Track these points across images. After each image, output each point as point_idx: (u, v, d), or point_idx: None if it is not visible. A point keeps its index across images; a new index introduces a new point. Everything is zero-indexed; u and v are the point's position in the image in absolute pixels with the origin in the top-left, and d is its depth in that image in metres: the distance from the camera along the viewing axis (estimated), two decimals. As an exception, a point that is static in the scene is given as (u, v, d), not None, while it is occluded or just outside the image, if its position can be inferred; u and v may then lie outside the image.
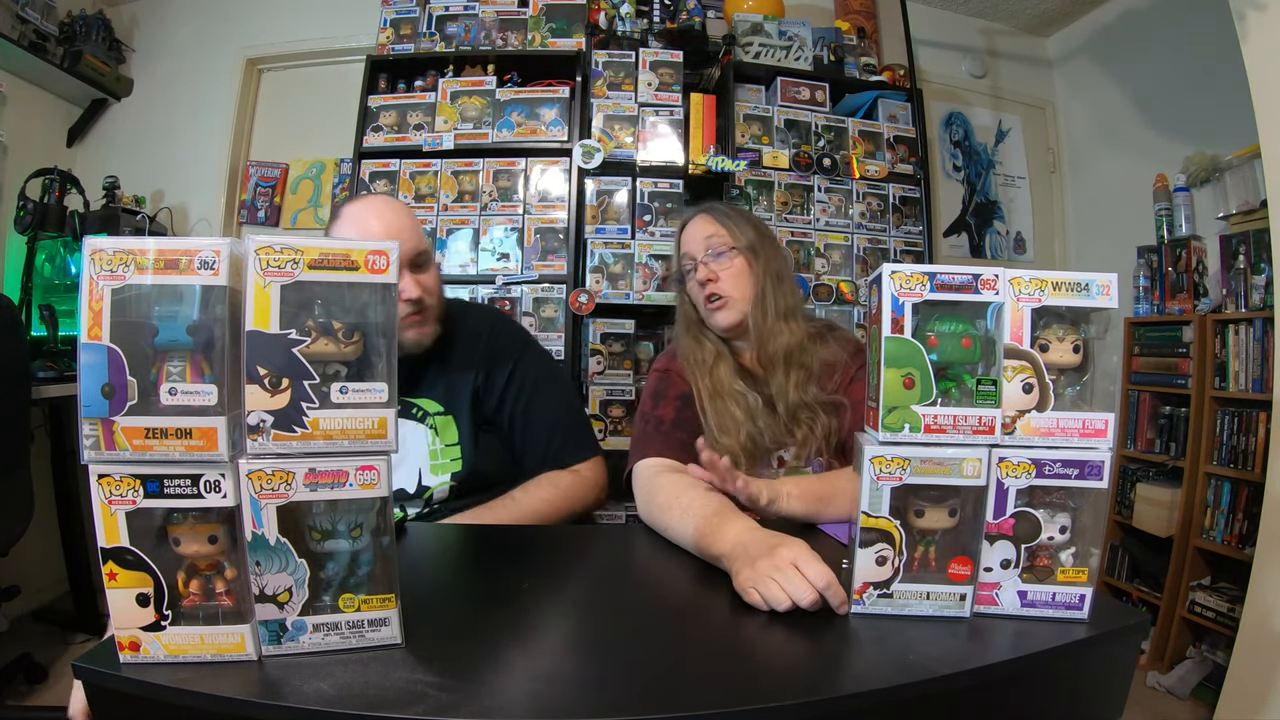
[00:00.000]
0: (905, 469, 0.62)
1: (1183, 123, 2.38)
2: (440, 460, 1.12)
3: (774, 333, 1.12)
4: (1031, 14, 2.86)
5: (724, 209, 1.22)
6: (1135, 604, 2.22)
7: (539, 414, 1.16)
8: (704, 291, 1.14)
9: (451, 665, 0.56)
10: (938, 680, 0.55)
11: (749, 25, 2.30)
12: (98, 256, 0.52)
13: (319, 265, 0.55)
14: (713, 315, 1.15)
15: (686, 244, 1.19)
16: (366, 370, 0.57)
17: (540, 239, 2.13)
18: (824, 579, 0.64)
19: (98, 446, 0.52)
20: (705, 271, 1.14)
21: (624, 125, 2.14)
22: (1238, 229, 2.03)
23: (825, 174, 2.26)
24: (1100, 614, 0.65)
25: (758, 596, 0.66)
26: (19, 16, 2.21)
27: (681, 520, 0.86)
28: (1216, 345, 2.04)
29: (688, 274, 1.19)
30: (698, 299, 1.17)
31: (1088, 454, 0.62)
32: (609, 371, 2.09)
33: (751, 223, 1.20)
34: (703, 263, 1.15)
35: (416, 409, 1.14)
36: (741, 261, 1.15)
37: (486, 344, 1.17)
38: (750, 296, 1.14)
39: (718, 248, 1.15)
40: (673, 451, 1.05)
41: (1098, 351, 0.66)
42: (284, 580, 0.56)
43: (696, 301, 1.18)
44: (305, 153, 2.59)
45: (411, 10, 2.30)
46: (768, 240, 1.20)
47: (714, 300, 1.14)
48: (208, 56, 2.61)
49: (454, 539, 0.98)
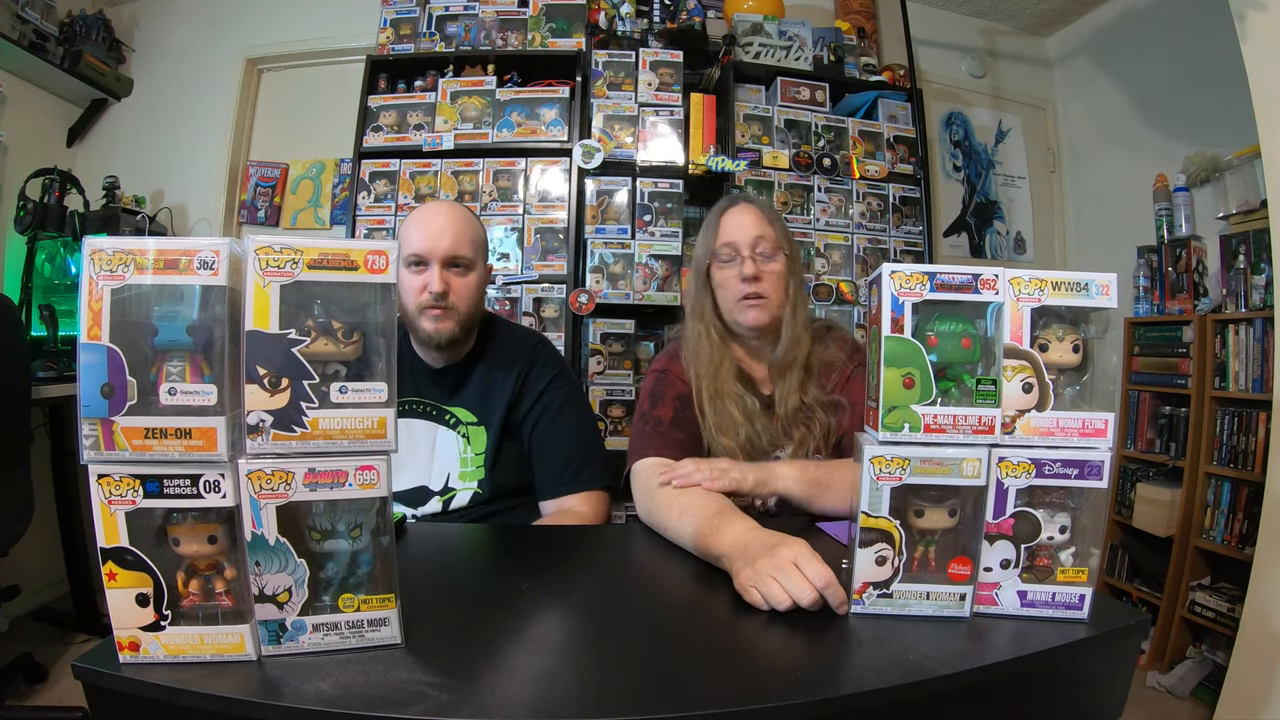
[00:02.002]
0: (905, 469, 0.62)
1: (1183, 123, 2.37)
2: (469, 468, 1.17)
3: (799, 340, 1.12)
4: (1031, 14, 2.86)
5: (766, 204, 1.20)
6: (1135, 604, 2.22)
7: (557, 437, 1.19)
8: (745, 288, 1.11)
9: (451, 665, 0.56)
10: (938, 680, 0.55)
11: (749, 25, 2.30)
12: (97, 256, 0.52)
13: (318, 265, 0.55)
14: (746, 311, 1.11)
15: (730, 233, 1.14)
16: (366, 370, 0.57)
17: (540, 239, 2.13)
18: (824, 578, 0.64)
19: (97, 446, 0.52)
20: (753, 268, 1.11)
21: (624, 125, 2.14)
22: (1238, 229, 2.03)
23: (825, 174, 2.26)
24: (1100, 614, 0.65)
25: (758, 596, 0.66)
26: (19, 16, 2.21)
27: (680, 520, 0.86)
28: (1216, 345, 2.03)
29: (725, 263, 1.14)
30: (730, 290, 1.13)
31: (1087, 454, 0.63)
32: (609, 371, 2.09)
33: (785, 225, 1.19)
34: (749, 259, 1.11)
35: (450, 416, 1.19)
36: (784, 265, 1.14)
37: (527, 360, 1.21)
38: (784, 301, 1.13)
39: (767, 249, 1.12)
40: (671, 451, 1.05)
41: (1097, 351, 0.66)
42: (283, 580, 0.56)
43: (726, 292, 1.14)
44: (305, 153, 2.59)
45: (411, 10, 2.30)
46: (795, 246, 1.19)
47: (753, 298, 1.11)
48: (207, 56, 2.61)
49: (454, 539, 0.98)
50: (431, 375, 1.20)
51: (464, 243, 1.13)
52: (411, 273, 1.12)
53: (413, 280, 1.12)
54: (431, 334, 1.12)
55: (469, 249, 1.14)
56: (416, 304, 1.11)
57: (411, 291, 1.12)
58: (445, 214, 1.14)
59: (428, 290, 1.10)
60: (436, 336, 1.12)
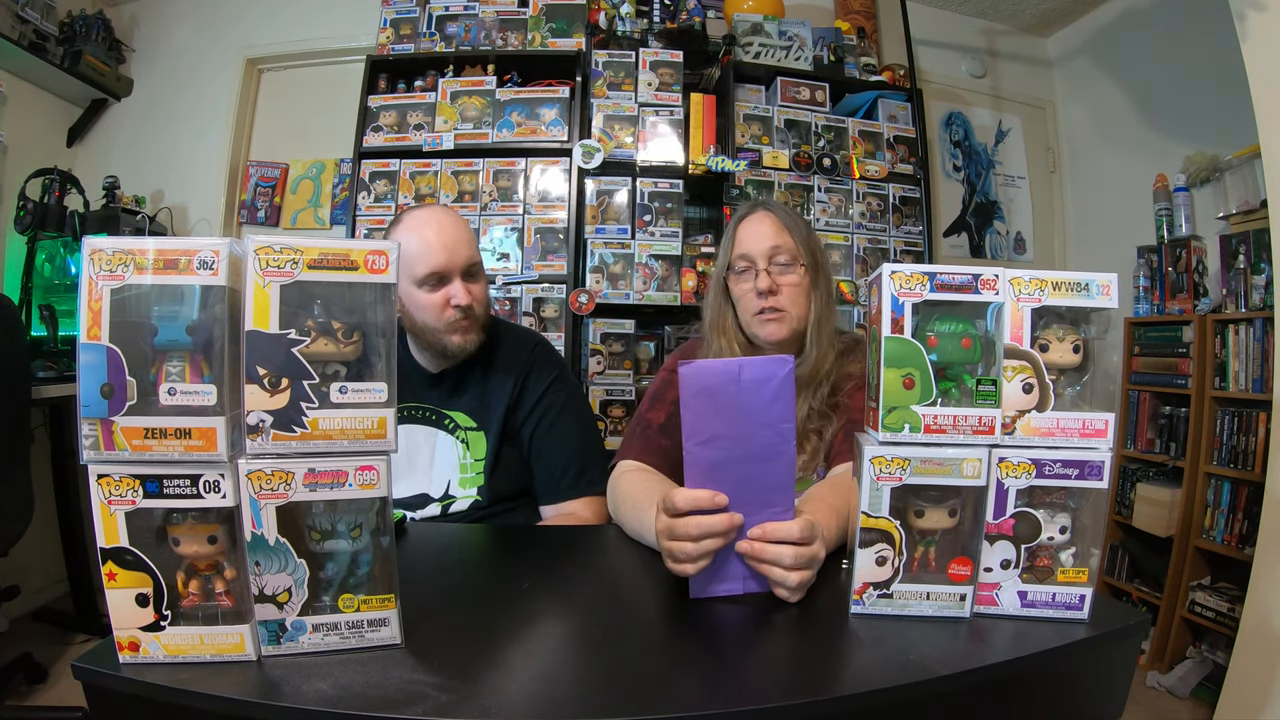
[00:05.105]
0: (905, 469, 0.62)
1: (1183, 123, 2.37)
2: (469, 474, 1.15)
3: (824, 358, 1.07)
4: (1031, 14, 2.86)
5: (786, 210, 1.13)
6: (1135, 604, 2.22)
7: (556, 441, 1.17)
8: (761, 302, 1.06)
9: (451, 665, 0.56)
10: (938, 680, 0.55)
11: (749, 25, 2.30)
12: (97, 256, 0.52)
13: (318, 265, 0.55)
14: (764, 326, 1.06)
15: (746, 243, 1.09)
16: (366, 370, 0.57)
17: (540, 239, 2.13)
18: (690, 501, 0.66)
19: (97, 446, 0.52)
20: (767, 281, 1.05)
21: (624, 125, 2.14)
22: (1238, 229, 2.02)
23: (825, 174, 2.26)
24: (1100, 614, 0.65)
25: (675, 565, 0.68)
26: (19, 16, 2.21)
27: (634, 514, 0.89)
28: (1216, 345, 2.03)
29: (740, 274, 1.09)
30: (747, 304, 1.08)
31: (1088, 454, 0.62)
32: (609, 371, 2.09)
33: (810, 231, 1.12)
34: (765, 271, 1.06)
35: (449, 421, 1.16)
36: (804, 277, 1.07)
37: (525, 364, 1.18)
38: (806, 315, 1.07)
39: (783, 259, 1.07)
40: (650, 456, 1.05)
41: (1098, 351, 0.65)
42: (283, 580, 0.56)
43: (742, 306, 1.10)
44: (305, 153, 2.59)
45: (411, 10, 2.30)
46: (822, 253, 1.12)
47: (769, 313, 1.06)
48: (207, 56, 2.61)
49: (454, 539, 0.98)
50: (429, 380, 1.17)
51: (472, 246, 1.11)
52: (427, 291, 1.06)
53: (433, 298, 1.06)
54: (461, 346, 1.09)
55: (476, 252, 1.12)
56: (442, 321, 1.07)
57: (432, 309, 1.07)
58: (450, 224, 1.09)
59: (453, 305, 1.06)
60: (466, 348, 1.09)
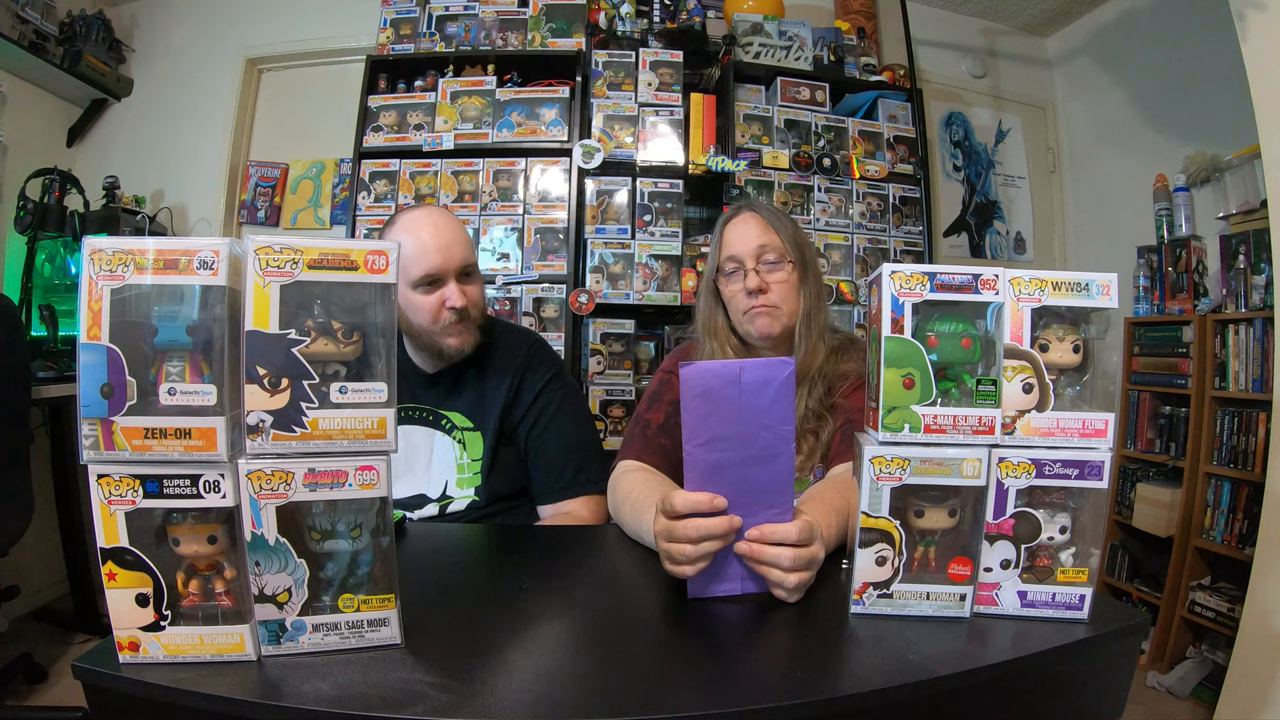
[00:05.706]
0: (905, 469, 0.62)
1: (1183, 123, 2.37)
2: (466, 475, 1.15)
3: (814, 353, 1.08)
4: (1031, 14, 2.86)
5: (771, 209, 1.14)
6: (1135, 604, 2.22)
7: (553, 441, 1.16)
8: (751, 302, 1.07)
9: (451, 665, 0.56)
10: (938, 680, 0.55)
11: (749, 25, 2.30)
12: (97, 256, 0.52)
13: (318, 265, 0.55)
14: (755, 320, 1.07)
15: (733, 244, 1.10)
16: (366, 370, 0.57)
17: (540, 239, 2.12)
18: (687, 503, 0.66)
19: (97, 446, 0.52)
20: (756, 280, 1.06)
21: (624, 125, 2.14)
22: (1238, 229, 2.03)
23: (825, 174, 2.26)
24: (1100, 614, 0.65)
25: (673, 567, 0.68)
26: (19, 16, 2.21)
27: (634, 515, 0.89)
28: (1216, 345, 2.03)
29: (729, 275, 1.10)
30: (737, 304, 1.10)
31: (1088, 454, 0.62)
32: (609, 371, 2.09)
33: (796, 229, 1.13)
34: (754, 270, 1.07)
35: (446, 421, 1.16)
36: (793, 274, 1.09)
37: (522, 362, 1.18)
38: (797, 311, 1.08)
39: (771, 257, 1.07)
40: (650, 456, 1.05)
41: (1098, 351, 0.65)
42: (283, 580, 0.56)
43: (733, 307, 1.11)
44: (305, 153, 2.59)
45: (411, 10, 2.30)
46: (810, 250, 1.13)
47: (760, 308, 1.07)
48: (207, 56, 2.61)
49: (453, 539, 0.98)
50: (426, 380, 1.17)
51: (467, 248, 1.10)
52: (421, 293, 1.06)
53: (426, 300, 1.06)
54: (457, 348, 1.09)
55: (472, 253, 1.12)
56: (438, 323, 1.07)
57: (427, 311, 1.06)
58: (445, 225, 1.09)
59: (448, 307, 1.06)
60: (462, 350, 1.09)
